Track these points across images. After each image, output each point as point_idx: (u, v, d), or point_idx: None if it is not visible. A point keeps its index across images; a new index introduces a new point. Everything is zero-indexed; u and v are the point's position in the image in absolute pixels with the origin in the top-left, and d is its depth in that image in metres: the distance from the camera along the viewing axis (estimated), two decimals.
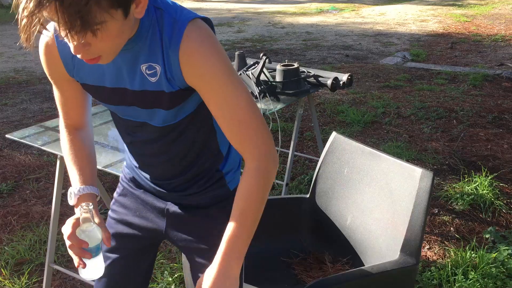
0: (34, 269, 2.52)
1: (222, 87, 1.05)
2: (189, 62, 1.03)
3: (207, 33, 1.04)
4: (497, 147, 3.89)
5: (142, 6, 0.96)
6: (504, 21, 10.62)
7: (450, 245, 2.65)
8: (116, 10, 0.90)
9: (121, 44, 0.98)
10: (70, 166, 1.27)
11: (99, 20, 0.88)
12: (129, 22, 0.96)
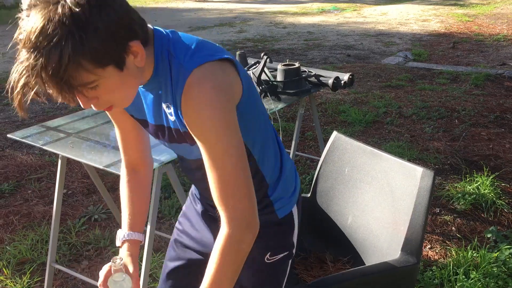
0: (35, 268, 2.53)
1: (212, 143, 1.04)
2: (187, 112, 1.04)
3: (210, 83, 1.02)
4: (499, 147, 3.88)
5: (141, 56, 0.98)
6: (506, 20, 10.60)
7: (451, 245, 2.64)
8: (104, 69, 0.92)
9: (130, 91, 1.02)
10: (123, 208, 1.35)
11: (87, 80, 0.91)
12: (131, 72, 0.98)
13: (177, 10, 13.75)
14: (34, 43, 0.86)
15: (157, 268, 2.47)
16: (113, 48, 0.92)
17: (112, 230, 2.86)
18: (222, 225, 1.09)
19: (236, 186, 1.06)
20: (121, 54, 0.94)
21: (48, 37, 0.85)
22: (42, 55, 0.85)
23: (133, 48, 0.96)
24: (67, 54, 0.85)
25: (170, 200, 3.15)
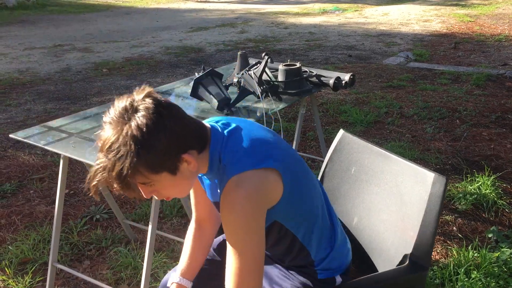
0: (37, 268, 2.53)
1: (231, 242, 1.20)
2: (221, 210, 1.21)
3: (244, 192, 1.17)
4: (500, 147, 3.88)
5: (193, 164, 1.18)
6: (508, 20, 10.59)
7: (452, 245, 2.64)
8: (159, 174, 1.14)
9: (184, 188, 1.23)
10: (183, 253, 1.55)
11: (143, 181, 1.14)
12: (183, 175, 1.19)
13: (178, 10, 13.76)
14: (105, 152, 1.11)
15: (158, 268, 2.47)
16: (166, 160, 1.13)
17: (114, 230, 2.87)
18: None
19: (245, 283, 1.20)
20: (175, 163, 1.15)
21: (114, 151, 1.10)
22: (110, 163, 1.10)
23: (185, 159, 1.16)
24: (127, 166, 1.09)
25: (171, 200, 3.16)
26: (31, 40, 9.14)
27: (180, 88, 2.86)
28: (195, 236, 1.55)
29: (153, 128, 1.10)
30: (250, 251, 1.19)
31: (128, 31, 10.18)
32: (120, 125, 1.10)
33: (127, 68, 6.90)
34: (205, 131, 1.24)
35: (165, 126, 1.12)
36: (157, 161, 1.12)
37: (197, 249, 1.54)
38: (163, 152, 1.12)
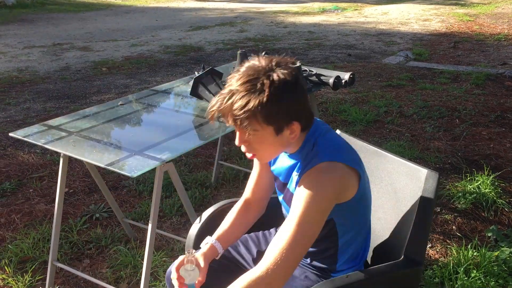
0: (37, 267, 2.53)
1: (296, 214, 1.27)
2: (301, 183, 1.31)
3: (328, 177, 1.30)
4: (499, 146, 3.88)
5: (294, 135, 1.32)
6: (507, 20, 10.59)
7: (452, 244, 2.65)
8: (267, 126, 1.27)
9: (273, 152, 1.35)
10: (223, 224, 1.60)
11: (251, 127, 1.26)
12: (282, 140, 1.32)
13: (178, 9, 13.75)
14: (241, 83, 1.23)
15: (158, 266, 2.47)
16: (281, 118, 1.27)
17: (113, 228, 2.87)
18: (258, 269, 1.27)
19: (290, 254, 1.26)
20: (283, 125, 1.28)
21: (250, 86, 1.22)
22: (240, 93, 1.23)
23: (293, 126, 1.30)
24: (253, 103, 1.22)
25: (171, 199, 3.16)
26: (30, 38, 9.13)
27: (179, 87, 2.86)
28: (240, 211, 1.63)
29: (289, 85, 1.24)
30: (309, 226, 1.27)
31: (128, 30, 10.17)
32: (263, 70, 1.24)
33: (127, 67, 6.90)
34: (312, 116, 1.38)
35: (296, 90, 1.26)
36: (275, 114, 1.25)
37: (238, 223, 1.60)
38: (285, 109, 1.26)
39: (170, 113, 2.50)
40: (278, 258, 1.26)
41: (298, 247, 1.27)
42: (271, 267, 1.26)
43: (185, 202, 2.17)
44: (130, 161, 1.87)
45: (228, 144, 4.09)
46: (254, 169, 1.63)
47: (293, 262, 1.27)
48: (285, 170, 1.48)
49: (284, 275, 1.27)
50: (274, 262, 1.26)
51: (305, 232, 1.27)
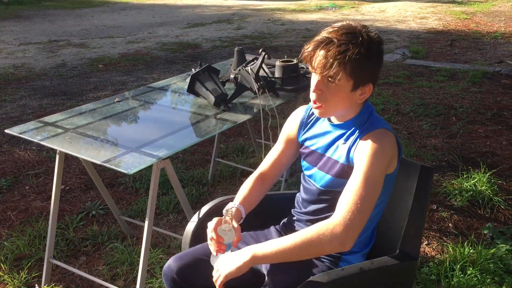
0: (33, 264, 2.52)
1: (366, 170, 1.36)
2: (363, 144, 1.40)
3: (387, 139, 1.42)
4: (496, 144, 3.89)
5: (363, 97, 1.44)
6: (504, 18, 10.61)
7: (448, 241, 2.65)
8: (349, 80, 1.37)
9: (338, 107, 1.43)
10: (240, 192, 1.65)
11: (335, 75, 1.35)
12: (351, 98, 1.42)
13: (175, 6, 13.71)
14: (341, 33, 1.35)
15: (154, 264, 2.47)
16: (364, 76, 1.38)
17: (110, 226, 2.87)
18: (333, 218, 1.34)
19: (364, 206, 1.34)
20: (361, 83, 1.39)
21: (347, 40, 1.34)
22: (337, 42, 1.34)
23: (366, 88, 1.42)
24: (351, 52, 1.32)
25: (168, 196, 3.15)
26: (27, 35, 9.09)
27: (176, 84, 2.85)
28: (257, 181, 1.68)
29: (381, 47, 1.40)
30: (374, 181, 1.36)
31: (124, 26, 10.14)
32: (359, 27, 1.37)
33: (123, 64, 6.88)
34: None
35: (382, 55, 1.42)
36: (362, 69, 1.36)
37: (254, 191, 1.66)
38: (371, 68, 1.39)
39: (166, 110, 2.49)
40: (353, 207, 1.33)
41: (368, 198, 1.34)
42: (348, 215, 1.32)
43: (182, 199, 2.17)
44: (126, 158, 1.87)
45: (225, 141, 4.09)
46: (277, 146, 1.70)
47: (366, 213, 1.34)
48: (326, 142, 1.54)
49: (359, 225, 1.33)
50: (350, 211, 1.32)
51: (371, 185, 1.35)
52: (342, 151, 1.48)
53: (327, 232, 1.32)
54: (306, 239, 1.33)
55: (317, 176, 1.56)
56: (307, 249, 1.34)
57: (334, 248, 1.33)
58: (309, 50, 1.38)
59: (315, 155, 1.57)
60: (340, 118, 1.50)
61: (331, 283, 1.36)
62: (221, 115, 2.31)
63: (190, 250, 1.66)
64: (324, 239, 1.31)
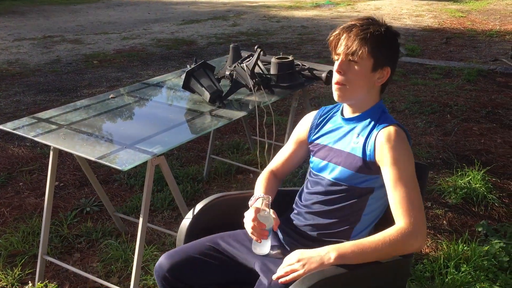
0: (27, 260, 2.51)
1: (403, 169, 1.45)
2: (384, 144, 1.46)
3: (402, 136, 1.49)
4: (490, 142, 3.90)
5: (381, 80, 1.52)
6: (499, 16, 10.64)
7: (442, 238, 2.66)
8: (369, 58, 1.46)
9: (359, 89, 1.50)
10: (258, 187, 1.73)
11: (359, 53, 1.44)
12: (371, 80, 1.50)
13: (170, 3, 13.67)
14: (360, 19, 1.50)
15: (149, 260, 2.46)
16: (383, 56, 1.48)
17: (104, 222, 2.86)
18: (399, 223, 1.42)
19: (418, 202, 1.43)
20: (381, 63, 1.48)
21: (368, 23, 1.48)
22: (359, 25, 1.47)
23: (384, 71, 1.50)
24: (368, 33, 1.45)
25: (163, 193, 3.14)
26: (21, 31, 9.03)
27: (171, 80, 2.84)
28: (270, 177, 1.76)
29: (397, 37, 1.52)
30: (412, 175, 1.46)
31: (120, 23, 10.10)
32: (379, 18, 1.52)
33: (118, 60, 6.85)
34: None
35: (398, 46, 1.53)
36: (381, 48, 1.46)
37: (272, 183, 1.73)
38: (389, 50, 1.50)
39: (161, 106, 2.48)
40: (411, 208, 1.41)
41: (417, 194, 1.44)
42: (411, 218, 1.40)
43: (177, 196, 2.16)
44: (121, 155, 1.86)
45: (220, 138, 4.08)
46: (287, 146, 1.77)
47: (422, 207, 1.43)
48: (338, 136, 1.60)
49: (423, 220, 1.42)
50: (410, 213, 1.41)
51: (413, 182, 1.45)
52: (356, 144, 1.53)
53: (401, 239, 1.39)
54: (383, 247, 1.39)
55: (328, 168, 1.59)
56: (384, 255, 1.42)
57: (411, 250, 1.43)
58: (335, 34, 1.49)
59: (327, 149, 1.61)
60: (355, 110, 1.56)
61: (325, 280, 1.36)
62: (216, 111, 2.30)
63: (183, 247, 1.66)
64: (400, 246, 1.40)
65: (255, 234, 1.53)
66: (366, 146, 1.50)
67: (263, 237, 1.53)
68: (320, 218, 1.59)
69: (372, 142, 1.49)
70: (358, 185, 1.53)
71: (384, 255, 1.41)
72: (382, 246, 1.39)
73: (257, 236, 1.52)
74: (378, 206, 1.56)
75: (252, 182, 3.32)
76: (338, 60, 1.50)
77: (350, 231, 1.56)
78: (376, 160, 1.49)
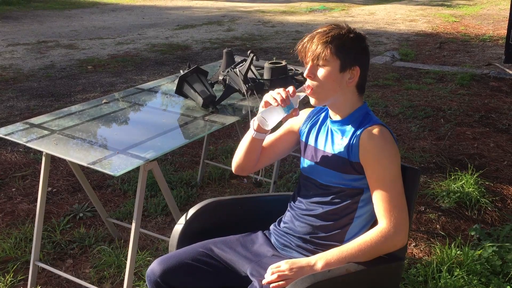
0: (19, 267, 2.50)
1: (387, 169, 1.47)
2: (368, 144, 1.49)
3: (389, 135, 1.51)
4: (483, 146, 3.92)
5: (353, 80, 1.52)
6: (492, 21, 10.71)
7: (435, 242, 2.66)
8: (335, 59, 1.48)
9: (330, 90, 1.51)
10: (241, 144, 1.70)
11: (324, 57, 1.47)
12: (341, 82, 1.50)
13: (165, 8, 13.68)
14: (324, 27, 1.53)
15: (142, 266, 2.45)
16: (349, 56, 1.49)
17: (97, 228, 2.84)
18: (380, 224, 1.46)
19: (399, 202, 1.47)
20: (348, 64, 1.49)
21: (330, 28, 1.52)
22: (321, 31, 1.51)
23: (354, 71, 1.50)
24: (329, 35, 1.48)
25: (156, 198, 3.13)
26: (15, 36, 9.01)
27: (165, 85, 2.84)
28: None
29: (363, 38, 1.54)
30: (400, 179, 1.49)
31: (114, 28, 10.09)
32: (342, 23, 1.55)
33: (112, 65, 6.84)
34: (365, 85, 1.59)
35: (366, 46, 1.56)
36: (346, 48, 1.47)
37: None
38: (354, 50, 1.50)
39: (155, 111, 2.48)
40: (392, 209, 1.45)
41: (400, 194, 1.47)
42: (392, 218, 1.44)
43: (170, 201, 2.16)
44: (113, 160, 1.86)
45: (214, 143, 4.08)
46: (277, 132, 1.74)
47: (405, 207, 1.47)
48: (325, 138, 1.61)
49: (406, 219, 1.46)
50: (392, 214, 1.44)
51: (397, 182, 1.48)
52: (340, 145, 1.54)
53: (382, 239, 1.44)
54: (365, 249, 1.44)
55: (317, 171, 1.60)
56: (368, 257, 1.45)
57: (394, 249, 1.46)
58: (302, 43, 1.52)
59: (314, 149, 1.63)
60: (338, 112, 1.58)
61: (317, 284, 1.36)
62: (210, 116, 2.31)
63: (175, 253, 1.65)
64: (382, 247, 1.45)
65: (277, 97, 1.48)
66: (350, 146, 1.52)
67: (284, 101, 1.47)
68: (313, 221, 1.59)
69: (356, 143, 1.51)
70: (347, 186, 1.54)
71: (369, 257, 1.45)
72: (365, 248, 1.44)
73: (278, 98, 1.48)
74: (370, 208, 1.56)
75: (245, 187, 3.32)
76: (307, 66, 1.53)
77: (343, 234, 1.56)
78: (360, 160, 1.51)
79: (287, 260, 1.46)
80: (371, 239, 1.45)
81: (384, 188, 1.47)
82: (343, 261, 1.45)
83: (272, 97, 1.50)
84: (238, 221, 1.81)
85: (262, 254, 1.63)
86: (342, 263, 1.44)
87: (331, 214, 1.56)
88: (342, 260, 1.45)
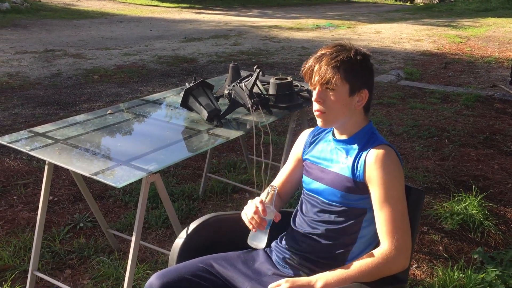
0: (17, 276, 2.48)
1: (391, 189, 1.47)
2: (374, 164, 1.48)
3: (395, 157, 1.51)
4: (487, 168, 3.90)
5: (361, 103, 1.53)
6: (498, 43, 10.74)
7: (438, 264, 2.63)
8: (345, 84, 1.48)
9: (339, 114, 1.52)
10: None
11: (332, 80, 1.47)
12: (350, 103, 1.51)
13: (173, 21, 13.79)
14: (329, 48, 1.53)
15: (141, 279, 2.43)
16: (358, 80, 1.50)
17: (97, 239, 2.83)
18: (383, 245, 1.46)
19: (403, 223, 1.46)
20: (357, 87, 1.50)
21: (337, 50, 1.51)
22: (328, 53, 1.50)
23: (362, 94, 1.52)
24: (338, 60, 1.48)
25: (158, 211, 3.12)
26: (23, 44, 9.08)
27: (171, 97, 2.84)
28: None
29: (369, 59, 1.55)
30: (400, 197, 1.48)
31: (121, 39, 10.17)
32: (347, 43, 1.55)
33: (119, 75, 6.88)
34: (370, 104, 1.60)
35: (372, 68, 1.56)
36: (355, 72, 1.48)
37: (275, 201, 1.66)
38: (362, 73, 1.51)
39: (159, 123, 2.48)
40: (395, 231, 1.44)
41: (403, 216, 1.47)
42: (395, 240, 1.44)
43: (171, 214, 2.14)
44: (116, 171, 1.85)
45: (217, 156, 4.07)
46: (287, 164, 1.78)
47: (408, 229, 1.46)
48: (329, 157, 1.61)
49: (408, 242, 1.46)
50: (394, 236, 1.44)
51: (400, 203, 1.47)
52: (345, 164, 1.54)
53: (384, 261, 1.43)
54: (366, 271, 1.44)
55: (320, 189, 1.60)
56: (368, 278, 1.44)
57: (395, 271, 1.46)
58: (308, 66, 1.52)
59: (317, 168, 1.62)
60: (344, 132, 1.58)
61: None
62: (214, 130, 2.30)
63: (174, 267, 1.63)
64: (383, 269, 1.44)
65: (253, 223, 1.51)
66: (355, 166, 1.52)
67: (260, 227, 1.51)
68: (315, 240, 1.57)
69: (361, 163, 1.50)
70: (351, 206, 1.53)
71: (370, 278, 1.44)
72: (366, 269, 1.44)
73: (254, 224, 1.51)
74: (373, 229, 1.54)
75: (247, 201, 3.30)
76: (315, 90, 1.52)
77: (346, 254, 1.55)
78: (365, 180, 1.50)
79: (287, 279, 1.45)
80: (372, 260, 1.44)
81: (388, 209, 1.46)
82: (343, 282, 1.43)
83: (249, 222, 1.52)
84: (239, 237, 1.79)
85: (262, 273, 1.61)
86: (342, 284, 1.42)
87: (333, 233, 1.55)
88: (342, 281, 1.43)
